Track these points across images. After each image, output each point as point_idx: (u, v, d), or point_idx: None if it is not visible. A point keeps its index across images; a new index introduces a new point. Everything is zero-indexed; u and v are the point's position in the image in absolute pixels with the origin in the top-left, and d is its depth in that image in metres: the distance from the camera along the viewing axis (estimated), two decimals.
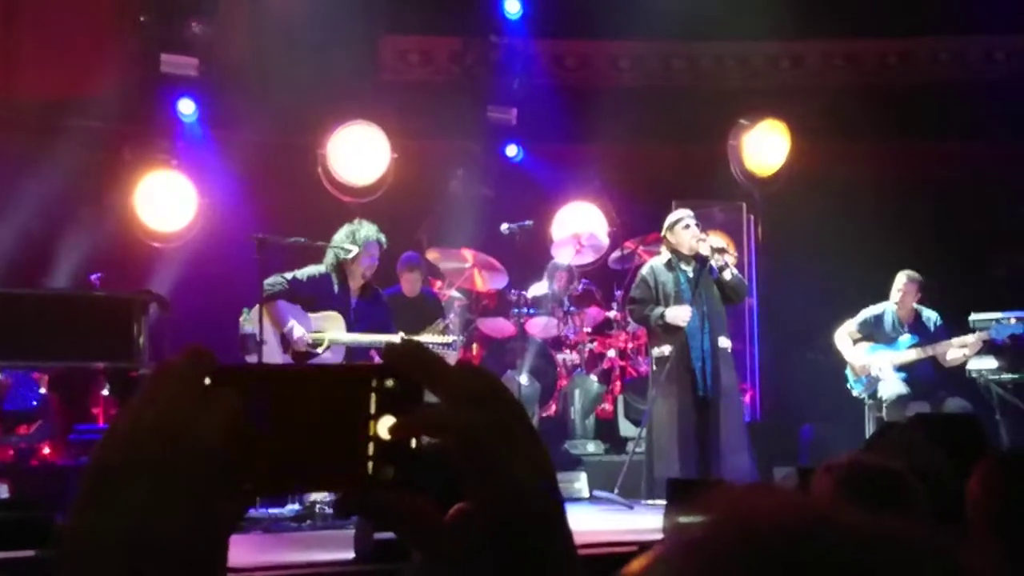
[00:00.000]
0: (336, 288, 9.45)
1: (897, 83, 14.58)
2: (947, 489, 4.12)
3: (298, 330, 9.15)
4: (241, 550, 7.06)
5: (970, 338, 11.12)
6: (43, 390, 10.86)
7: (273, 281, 9.12)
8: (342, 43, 12.76)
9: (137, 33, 12.87)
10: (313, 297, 9.36)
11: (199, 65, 12.40)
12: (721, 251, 10.19)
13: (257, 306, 9.05)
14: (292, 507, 8.71)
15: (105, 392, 10.86)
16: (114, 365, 8.34)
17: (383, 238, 9.57)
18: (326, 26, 12.53)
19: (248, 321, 9.18)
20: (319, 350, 9.23)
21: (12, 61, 12.75)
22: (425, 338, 9.50)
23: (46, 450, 10.88)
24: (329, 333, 9.25)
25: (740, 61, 14.85)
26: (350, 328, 9.31)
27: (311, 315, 9.30)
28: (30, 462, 10.64)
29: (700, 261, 10.05)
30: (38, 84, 12.73)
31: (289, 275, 9.26)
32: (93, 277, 10.73)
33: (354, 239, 9.44)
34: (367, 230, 9.51)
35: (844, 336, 11.51)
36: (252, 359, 8.89)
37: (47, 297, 8.80)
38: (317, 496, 8.78)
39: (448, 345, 9.62)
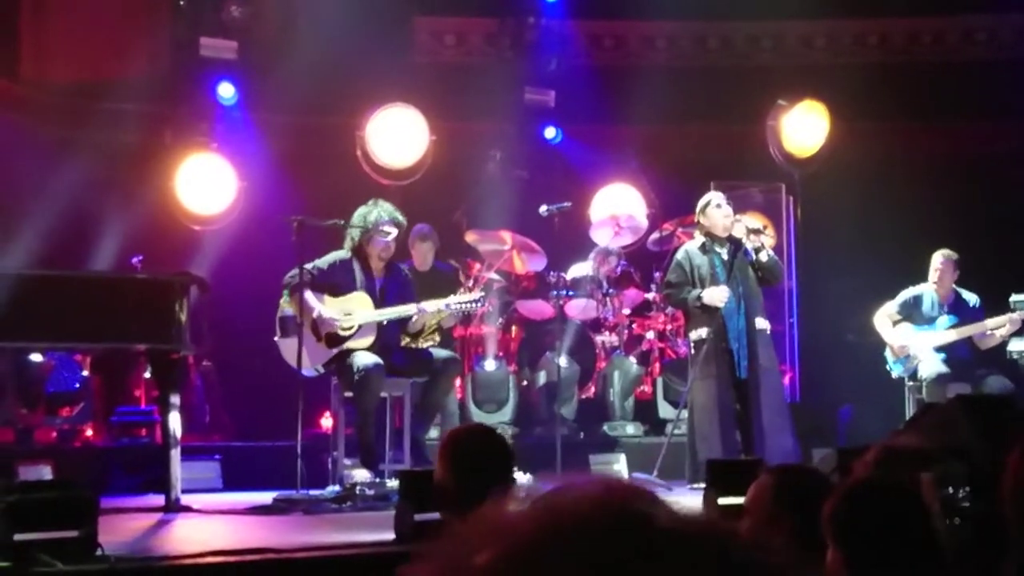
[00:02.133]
0: (358, 270, 9.46)
1: (931, 62, 14.51)
2: (984, 468, 4.13)
3: (326, 313, 9.17)
4: (282, 531, 7.11)
5: (1005, 318, 11.07)
6: (85, 372, 10.94)
7: (293, 273, 9.14)
8: (376, 24, 12.78)
9: (177, 17, 12.92)
10: (335, 283, 9.39)
11: (238, 48, 12.44)
12: (756, 232, 10.15)
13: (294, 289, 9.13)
14: (332, 488, 8.75)
15: (147, 374, 10.93)
16: (155, 347, 8.37)
17: (400, 217, 9.55)
18: (360, 7, 12.55)
19: (288, 303, 9.22)
20: (349, 332, 9.25)
21: (50, 43, 12.83)
22: (452, 299, 9.50)
23: (88, 432, 10.96)
24: (356, 314, 9.27)
25: (774, 40, 14.81)
26: (377, 307, 9.33)
27: (337, 299, 9.32)
28: (72, 443, 10.73)
29: (734, 243, 10.02)
30: (75, 67, 12.80)
31: (309, 265, 9.26)
32: (134, 259, 10.79)
33: (365, 221, 9.44)
34: (379, 211, 9.49)
35: (883, 318, 11.45)
36: (292, 341, 8.93)
37: (88, 279, 8.84)
38: (357, 477, 8.83)
39: (476, 301, 9.60)
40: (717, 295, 9.77)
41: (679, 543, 1.11)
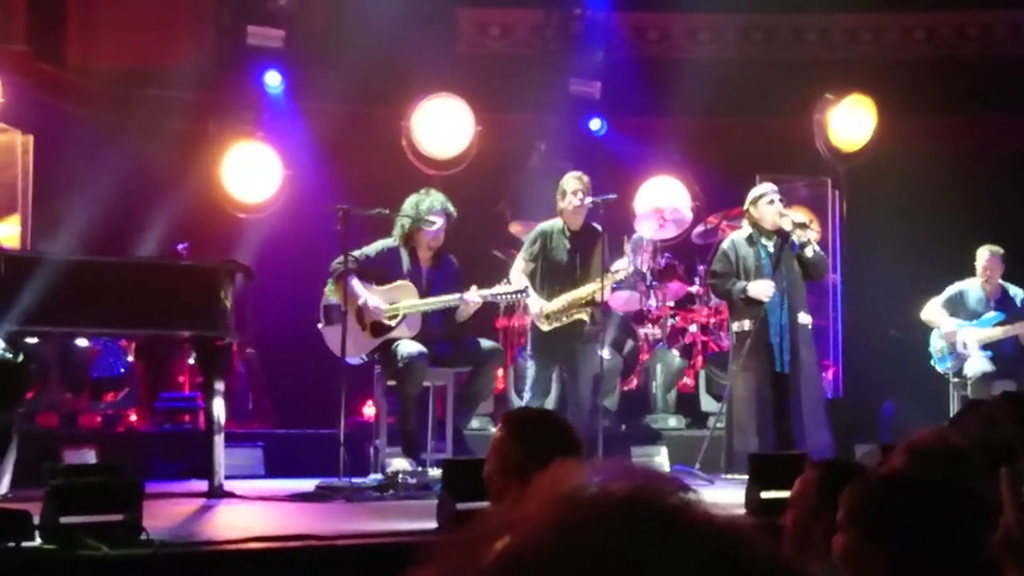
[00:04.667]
0: (406, 259, 9.48)
1: (978, 56, 14.40)
2: None
3: (372, 300, 9.20)
4: (324, 519, 7.14)
5: None
6: (130, 358, 11.00)
7: (339, 260, 9.15)
8: (421, 15, 12.80)
9: (223, 4, 12.97)
10: (382, 270, 9.40)
11: (284, 37, 12.46)
12: (803, 226, 10.12)
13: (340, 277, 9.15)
14: (375, 476, 8.77)
15: (191, 361, 10.98)
16: (200, 334, 8.41)
17: (451, 207, 9.55)
18: None
19: (333, 292, 9.24)
20: (394, 322, 9.27)
21: (97, 31, 12.89)
22: (497, 289, 9.51)
23: (132, 417, 11.03)
24: (402, 303, 9.28)
25: (819, 34, 14.74)
26: (423, 296, 9.35)
27: (382, 287, 9.34)
28: (116, 428, 10.80)
29: (782, 236, 9.99)
30: (122, 54, 12.86)
31: (357, 252, 9.28)
32: (180, 246, 10.83)
33: (417, 210, 9.45)
34: (431, 200, 9.51)
35: (935, 309, 11.35)
36: (336, 329, 8.96)
37: (134, 266, 8.88)
38: (399, 466, 8.85)
39: (520, 292, 9.59)
40: (763, 289, 9.76)
41: (701, 542, 1.11)
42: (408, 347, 9.07)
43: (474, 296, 9.32)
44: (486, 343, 9.68)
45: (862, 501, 3.05)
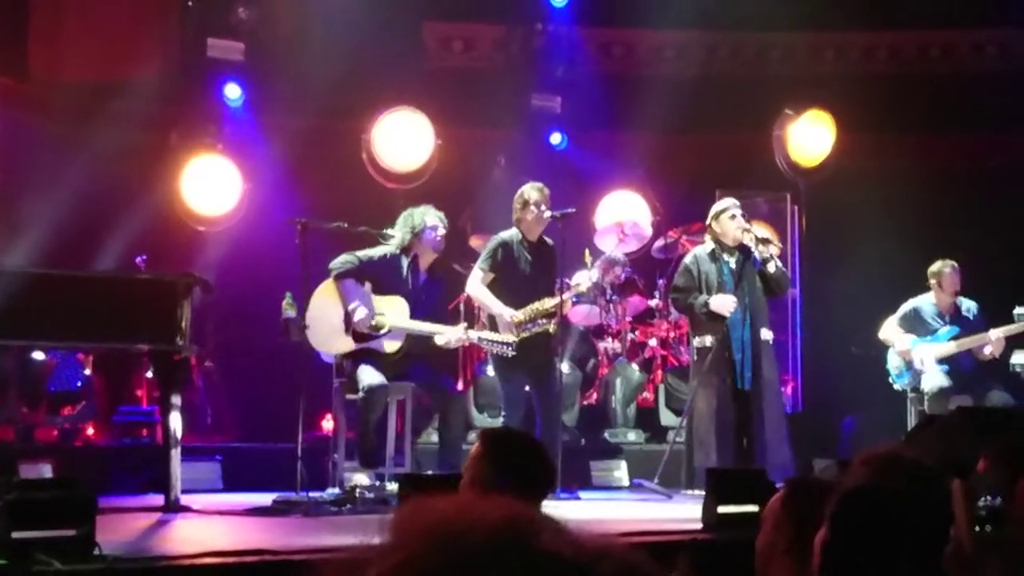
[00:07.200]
0: (404, 269, 9.45)
1: (940, 75, 14.49)
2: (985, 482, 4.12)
3: (360, 312, 9.16)
4: (281, 533, 7.11)
5: (1002, 331, 11.00)
6: (87, 371, 10.95)
7: (344, 260, 9.18)
8: (386, 29, 12.79)
9: (185, 17, 12.93)
10: (380, 277, 9.37)
11: (245, 50, 12.44)
12: (766, 242, 10.14)
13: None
14: (332, 491, 8.75)
15: (148, 374, 10.94)
16: (157, 347, 8.36)
17: (438, 212, 9.60)
18: (370, 11, 12.56)
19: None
20: (378, 333, 9.24)
21: (59, 43, 12.83)
22: (486, 335, 9.46)
23: (90, 431, 10.97)
24: (389, 317, 9.25)
25: (784, 51, 14.80)
26: (413, 309, 9.30)
27: (377, 296, 9.30)
28: (74, 442, 10.74)
29: (744, 252, 10.00)
30: (84, 66, 12.80)
31: (361, 253, 9.27)
32: (138, 259, 10.79)
33: (412, 222, 9.44)
34: (420, 212, 9.52)
35: (892, 328, 11.39)
36: (320, 325, 8.94)
37: (92, 278, 8.83)
38: (357, 480, 8.82)
39: (507, 344, 9.43)
40: (725, 303, 9.76)
41: (567, 567, 1.12)
42: (369, 378, 9.01)
43: (457, 331, 9.29)
44: (453, 389, 9.67)
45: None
